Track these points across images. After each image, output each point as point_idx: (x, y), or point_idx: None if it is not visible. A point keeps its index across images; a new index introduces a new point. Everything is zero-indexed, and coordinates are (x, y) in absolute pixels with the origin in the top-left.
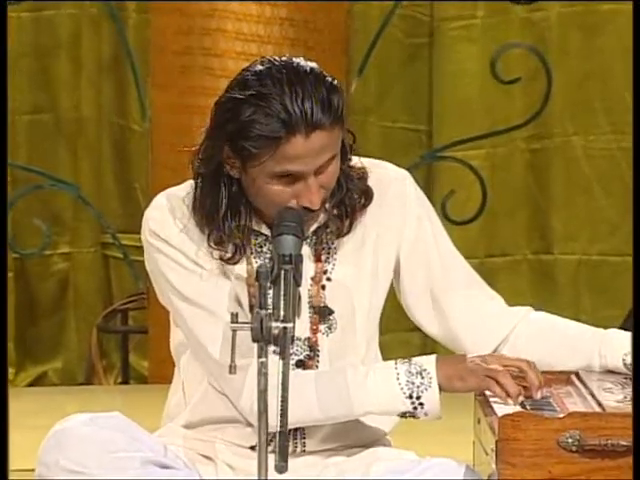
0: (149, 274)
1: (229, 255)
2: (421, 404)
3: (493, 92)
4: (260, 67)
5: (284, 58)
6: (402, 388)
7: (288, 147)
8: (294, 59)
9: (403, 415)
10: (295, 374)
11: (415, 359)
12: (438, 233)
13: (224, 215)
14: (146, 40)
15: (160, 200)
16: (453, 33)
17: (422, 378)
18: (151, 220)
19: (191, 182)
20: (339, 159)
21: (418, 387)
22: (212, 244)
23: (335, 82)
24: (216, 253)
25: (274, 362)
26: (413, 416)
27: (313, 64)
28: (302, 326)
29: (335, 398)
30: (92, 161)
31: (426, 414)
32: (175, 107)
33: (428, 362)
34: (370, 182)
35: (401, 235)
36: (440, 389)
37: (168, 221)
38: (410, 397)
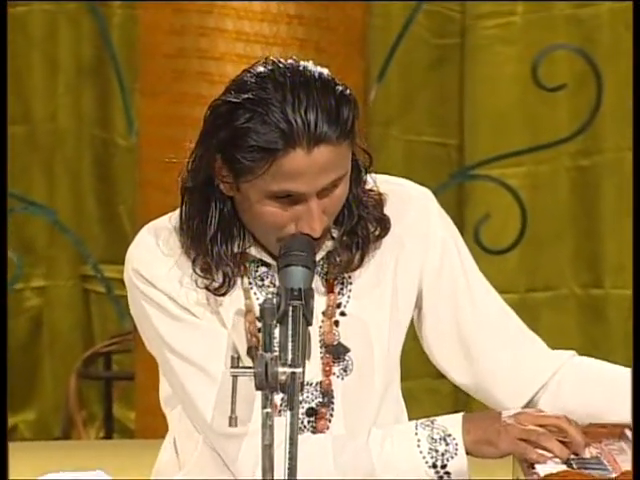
0: (134, 319)
1: (216, 285)
2: (447, 473)
3: (534, 100)
4: (262, 69)
5: (290, 60)
6: (424, 457)
7: (286, 162)
8: (302, 62)
9: None
10: (303, 440)
11: (438, 421)
12: (466, 262)
13: (213, 237)
14: (133, 40)
15: (144, 235)
16: (488, 32)
17: (447, 445)
18: (135, 259)
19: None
20: (347, 181)
21: (443, 455)
22: (198, 270)
23: (347, 91)
24: (201, 281)
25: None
26: None
27: (323, 69)
28: (313, 369)
29: (348, 468)
30: (70, 180)
31: None
32: (166, 118)
33: (453, 424)
34: (386, 205)
35: (423, 262)
36: (467, 454)
37: (154, 260)
38: (434, 466)
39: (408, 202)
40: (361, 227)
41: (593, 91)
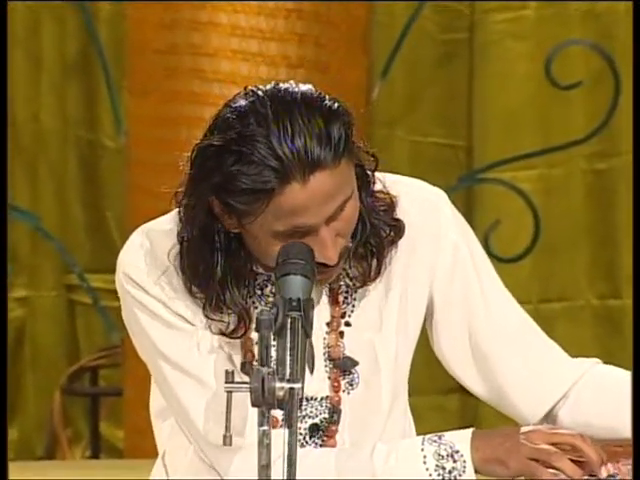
0: (126, 326)
1: (232, 327)
2: None
3: (548, 99)
4: (242, 102)
5: (269, 86)
6: (431, 474)
7: (284, 200)
8: (282, 85)
9: None
10: (304, 453)
11: (446, 436)
12: (481, 265)
13: (221, 281)
14: (121, 36)
15: (136, 238)
16: (499, 27)
17: (454, 462)
18: (126, 264)
19: (176, 212)
20: (356, 198)
21: (450, 472)
22: (209, 314)
23: (335, 105)
24: (215, 326)
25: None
26: None
27: (306, 87)
28: (318, 383)
29: None
30: (55, 184)
31: None
32: (157, 118)
33: (461, 440)
34: (397, 207)
35: (434, 268)
36: (476, 472)
37: (147, 265)
38: None
39: (418, 203)
40: (373, 235)
41: (610, 90)
